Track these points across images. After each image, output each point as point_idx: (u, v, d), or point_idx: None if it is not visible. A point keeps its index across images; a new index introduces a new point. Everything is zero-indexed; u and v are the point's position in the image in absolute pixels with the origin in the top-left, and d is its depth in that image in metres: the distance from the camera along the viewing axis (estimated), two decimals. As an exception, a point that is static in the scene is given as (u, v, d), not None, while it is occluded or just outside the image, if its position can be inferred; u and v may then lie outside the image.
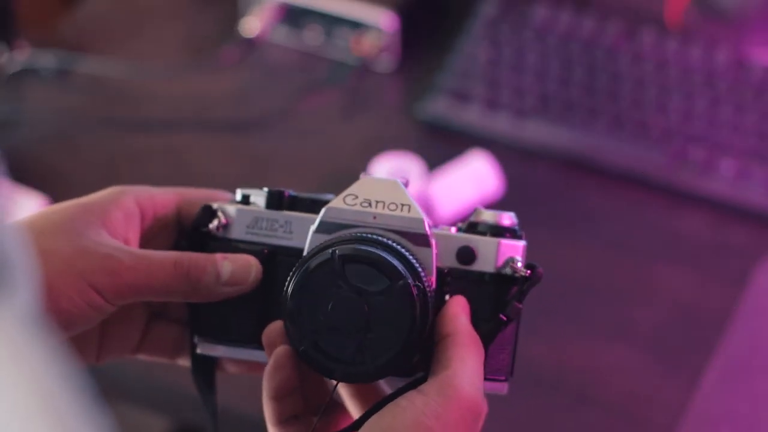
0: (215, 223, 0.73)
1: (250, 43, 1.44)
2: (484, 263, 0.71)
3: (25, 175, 1.29)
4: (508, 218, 0.73)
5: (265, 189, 0.73)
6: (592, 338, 1.16)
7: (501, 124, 1.35)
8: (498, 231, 0.72)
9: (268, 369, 0.70)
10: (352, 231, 0.69)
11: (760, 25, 1.42)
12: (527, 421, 1.11)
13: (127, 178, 0.85)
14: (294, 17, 1.44)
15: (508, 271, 0.71)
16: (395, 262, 0.66)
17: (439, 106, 1.36)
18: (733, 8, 1.43)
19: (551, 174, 1.32)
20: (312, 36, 1.44)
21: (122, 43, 1.47)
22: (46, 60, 1.42)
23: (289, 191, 0.73)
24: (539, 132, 1.33)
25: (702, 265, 1.22)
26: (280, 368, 0.69)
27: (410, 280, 0.66)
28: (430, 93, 1.38)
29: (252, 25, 1.44)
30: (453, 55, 1.40)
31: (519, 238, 0.72)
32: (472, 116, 1.36)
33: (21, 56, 1.42)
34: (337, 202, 0.70)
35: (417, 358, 0.69)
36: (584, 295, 1.20)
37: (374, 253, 0.66)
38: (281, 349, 0.69)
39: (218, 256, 0.71)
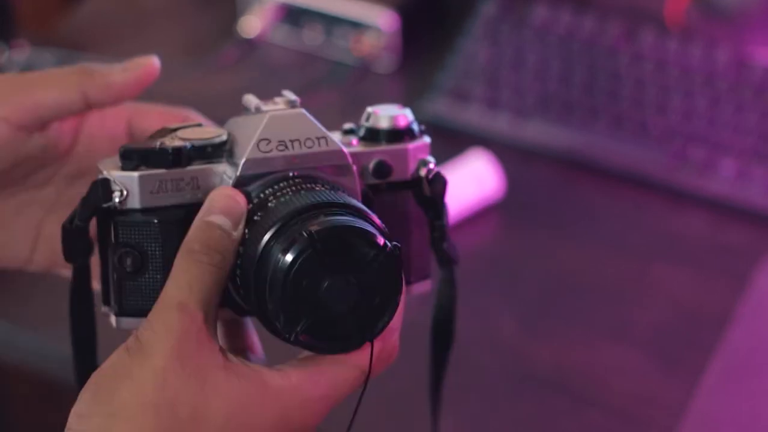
0: (116, 198, 0.67)
1: (250, 43, 1.44)
2: (400, 172, 0.70)
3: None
4: (403, 119, 0.71)
5: (159, 146, 0.68)
6: (592, 338, 1.16)
7: (501, 123, 1.35)
8: (397, 134, 0.71)
9: None
10: (271, 177, 0.66)
11: (760, 25, 1.42)
12: (527, 422, 1.11)
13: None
14: (294, 17, 1.44)
15: (422, 173, 0.71)
16: (368, 228, 0.63)
17: (439, 106, 1.36)
18: (734, 8, 1.43)
19: (551, 174, 1.32)
20: (312, 36, 1.44)
21: (122, 43, 1.47)
22: (46, 60, 1.42)
23: (186, 144, 0.68)
24: (539, 132, 1.33)
25: (702, 265, 1.22)
26: None
27: (388, 244, 0.63)
28: (430, 93, 1.38)
29: (252, 25, 1.44)
30: (453, 55, 1.40)
31: (419, 134, 0.72)
32: (472, 116, 1.35)
33: (21, 56, 1.42)
34: (252, 152, 0.67)
35: None
36: (584, 295, 1.20)
37: (348, 225, 0.63)
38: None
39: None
